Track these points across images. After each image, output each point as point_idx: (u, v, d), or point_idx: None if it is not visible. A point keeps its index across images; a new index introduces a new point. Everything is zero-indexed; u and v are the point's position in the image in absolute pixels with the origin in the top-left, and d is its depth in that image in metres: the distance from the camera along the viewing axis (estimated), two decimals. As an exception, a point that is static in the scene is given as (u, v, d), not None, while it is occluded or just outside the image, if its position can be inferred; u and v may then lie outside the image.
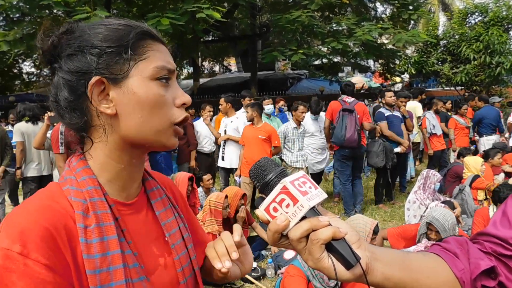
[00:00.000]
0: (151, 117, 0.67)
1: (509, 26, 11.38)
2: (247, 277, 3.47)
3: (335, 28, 10.40)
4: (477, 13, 11.91)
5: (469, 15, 12.10)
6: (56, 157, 4.00)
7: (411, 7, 10.44)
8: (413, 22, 13.79)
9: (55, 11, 8.55)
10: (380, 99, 7.01)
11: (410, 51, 14.49)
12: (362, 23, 9.74)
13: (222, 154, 5.65)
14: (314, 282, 2.46)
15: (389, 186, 5.92)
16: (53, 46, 0.68)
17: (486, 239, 0.73)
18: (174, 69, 0.72)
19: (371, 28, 9.11)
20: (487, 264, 0.68)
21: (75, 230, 0.62)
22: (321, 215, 0.64)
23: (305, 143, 5.47)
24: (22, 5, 8.13)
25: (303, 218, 0.63)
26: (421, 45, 11.91)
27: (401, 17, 10.69)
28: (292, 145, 5.23)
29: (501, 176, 5.25)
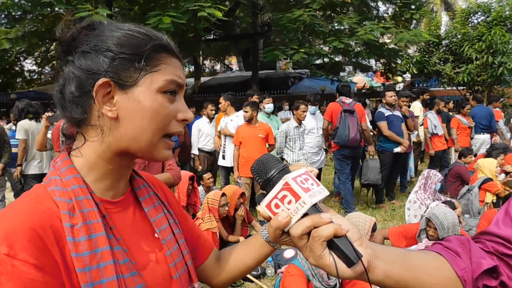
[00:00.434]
0: (149, 126, 0.67)
1: (512, 25, 11.35)
2: (247, 275, 3.48)
3: (336, 27, 10.40)
4: (479, 13, 11.84)
5: (471, 15, 12.03)
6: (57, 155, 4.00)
7: (413, 7, 10.42)
8: (415, 22, 13.78)
9: (56, 9, 8.56)
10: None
11: (412, 50, 14.48)
12: (364, 23, 9.73)
13: (222, 153, 5.65)
14: (314, 281, 2.46)
15: (389, 186, 5.92)
16: (72, 38, 0.68)
17: (488, 238, 0.73)
18: (184, 84, 0.72)
19: (373, 27, 9.10)
20: (489, 263, 0.68)
21: (62, 230, 0.62)
22: (323, 212, 0.64)
23: (303, 142, 5.48)
24: (23, 3, 8.16)
25: (305, 215, 0.63)
26: (423, 44, 11.87)
27: (403, 16, 10.69)
28: (293, 144, 5.23)
29: (501, 176, 5.24)
